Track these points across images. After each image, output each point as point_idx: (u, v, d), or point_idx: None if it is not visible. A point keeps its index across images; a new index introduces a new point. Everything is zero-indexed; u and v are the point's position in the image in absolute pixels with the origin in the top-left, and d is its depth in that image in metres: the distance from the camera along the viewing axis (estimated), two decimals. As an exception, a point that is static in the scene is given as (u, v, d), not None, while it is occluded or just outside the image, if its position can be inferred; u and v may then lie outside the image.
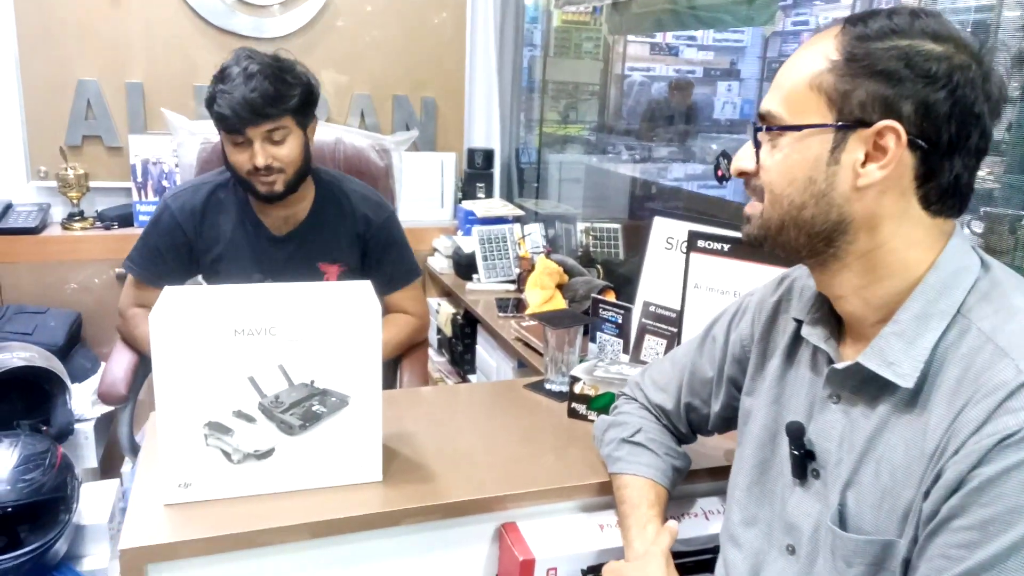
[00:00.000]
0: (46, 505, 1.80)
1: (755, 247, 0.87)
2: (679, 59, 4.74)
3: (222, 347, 0.99)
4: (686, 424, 1.12)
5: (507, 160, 3.43)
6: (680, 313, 1.44)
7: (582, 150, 3.61)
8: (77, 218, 2.79)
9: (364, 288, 1.11)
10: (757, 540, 0.94)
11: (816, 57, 0.78)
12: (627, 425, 1.11)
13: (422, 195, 3.11)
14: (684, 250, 1.43)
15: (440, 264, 2.91)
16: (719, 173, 1.28)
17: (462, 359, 2.62)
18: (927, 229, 0.78)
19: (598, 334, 1.71)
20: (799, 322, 0.92)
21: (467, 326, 2.60)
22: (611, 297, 1.96)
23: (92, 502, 1.95)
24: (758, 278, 1.11)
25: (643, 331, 1.62)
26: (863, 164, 0.76)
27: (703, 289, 1.40)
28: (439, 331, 2.82)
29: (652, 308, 1.61)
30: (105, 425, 2.51)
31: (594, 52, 3.58)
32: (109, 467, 2.43)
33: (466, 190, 3.22)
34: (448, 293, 2.79)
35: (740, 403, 1.02)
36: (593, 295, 1.89)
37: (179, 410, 1.00)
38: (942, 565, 0.70)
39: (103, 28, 2.77)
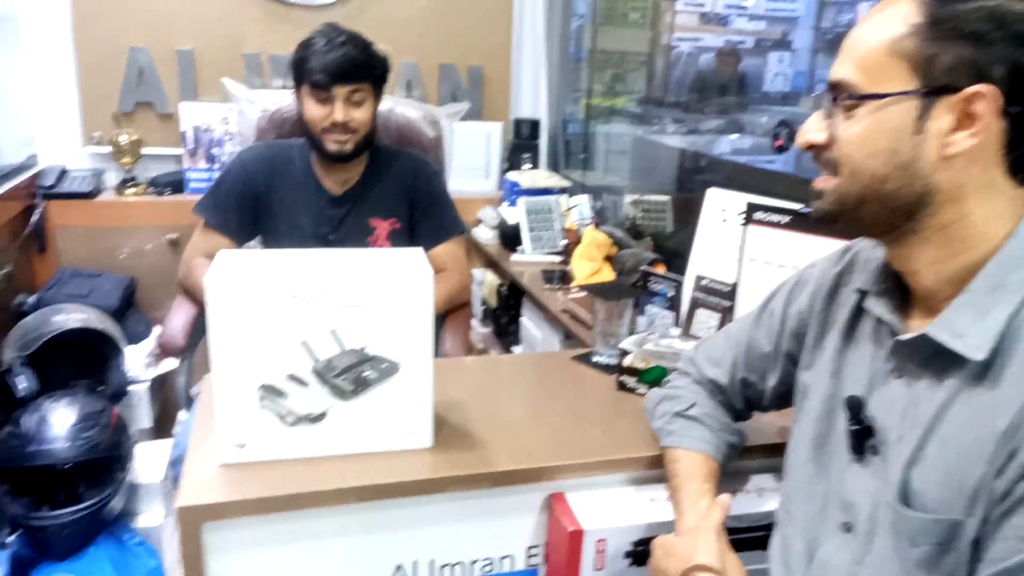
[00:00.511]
0: (102, 463, 1.85)
1: (826, 223, 0.84)
2: (728, 29, 4.62)
3: (276, 311, 1.00)
4: (742, 400, 1.10)
5: (553, 131, 3.39)
6: (735, 287, 1.41)
7: (628, 122, 3.55)
8: (130, 184, 2.84)
9: (416, 255, 1.11)
10: (812, 517, 0.91)
11: (894, 21, 0.74)
12: (681, 399, 1.10)
13: (468, 165, 3.09)
14: (741, 222, 1.40)
15: (485, 235, 2.90)
16: (778, 143, 1.24)
17: (506, 330, 2.62)
18: (1010, 199, 0.75)
19: (648, 307, 1.69)
20: (863, 293, 0.89)
21: (511, 297, 2.59)
22: (661, 270, 1.94)
23: (146, 461, 2.01)
24: (818, 251, 1.08)
25: (695, 304, 1.60)
26: (951, 132, 0.73)
27: (760, 262, 1.37)
28: (484, 302, 2.82)
29: (705, 281, 1.59)
30: (159, 387, 2.57)
31: (640, 21, 3.51)
32: (163, 427, 2.49)
33: (512, 161, 3.19)
34: (493, 264, 2.78)
35: (797, 378, 1.00)
36: (643, 268, 1.87)
37: (234, 373, 1.01)
38: (1016, 547, 0.68)
39: (154, -5, 2.80)
